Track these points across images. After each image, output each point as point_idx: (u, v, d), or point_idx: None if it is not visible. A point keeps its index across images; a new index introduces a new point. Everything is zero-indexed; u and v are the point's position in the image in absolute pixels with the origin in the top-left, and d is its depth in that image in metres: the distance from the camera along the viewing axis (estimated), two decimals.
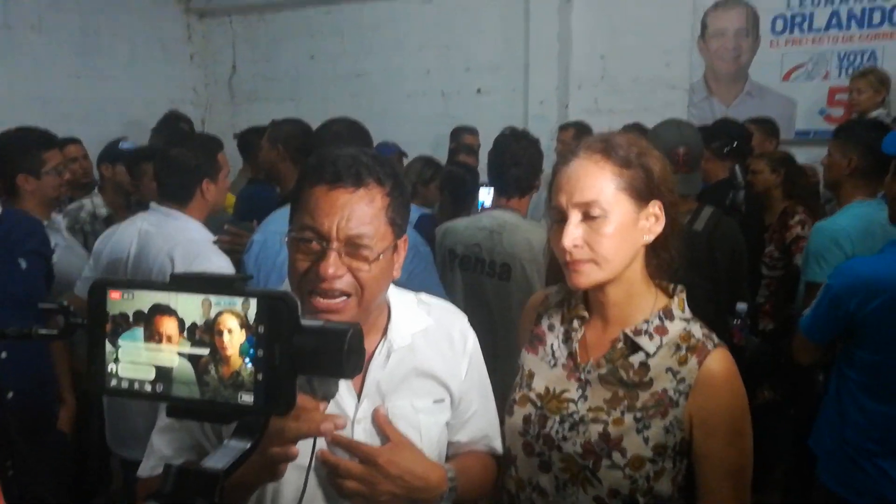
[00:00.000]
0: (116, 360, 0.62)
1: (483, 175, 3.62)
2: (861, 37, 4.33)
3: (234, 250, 2.30)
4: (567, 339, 1.35)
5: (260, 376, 0.59)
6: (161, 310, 0.61)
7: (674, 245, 1.28)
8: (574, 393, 1.30)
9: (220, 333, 0.60)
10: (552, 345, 1.37)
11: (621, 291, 1.28)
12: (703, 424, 1.22)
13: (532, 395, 1.35)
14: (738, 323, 2.54)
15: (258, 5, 6.38)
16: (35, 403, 1.87)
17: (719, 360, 1.23)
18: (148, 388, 0.62)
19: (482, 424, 1.35)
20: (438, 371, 1.25)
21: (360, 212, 1.08)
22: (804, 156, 3.89)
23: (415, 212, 3.47)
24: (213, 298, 0.60)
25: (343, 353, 0.61)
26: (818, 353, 2.16)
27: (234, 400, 0.60)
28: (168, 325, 0.61)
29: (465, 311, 2.49)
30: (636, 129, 3.73)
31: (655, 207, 1.23)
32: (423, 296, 1.31)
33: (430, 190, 3.73)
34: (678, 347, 1.25)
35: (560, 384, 1.33)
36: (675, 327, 1.27)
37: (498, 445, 1.37)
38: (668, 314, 1.28)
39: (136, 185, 3.37)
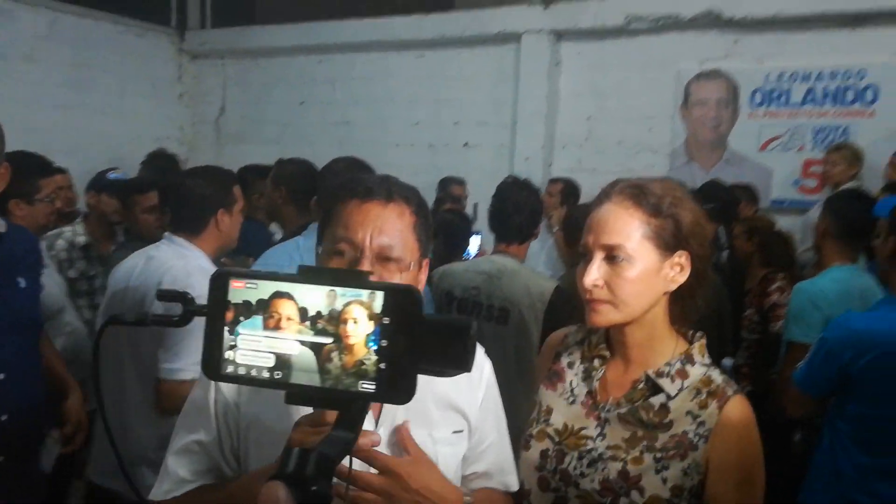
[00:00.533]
0: (234, 348, 0.63)
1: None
2: (835, 113, 4.55)
3: None
4: (587, 377, 1.37)
5: (383, 365, 0.60)
6: (282, 296, 0.62)
7: (700, 294, 1.31)
8: (593, 431, 1.32)
9: (346, 322, 0.60)
10: (571, 382, 1.39)
11: (642, 334, 1.31)
12: (718, 468, 1.24)
13: (550, 431, 1.35)
14: None
15: (252, 50, 6.49)
16: (26, 427, 1.81)
17: (738, 407, 1.26)
18: (266, 374, 0.63)
19: (499, 457, 1.34)
20: (457, 400, 1.25)
21: (391, 224, 1.12)
22: (779, 224, 4.02)
23: None
24: (338, 290, 0.61)
25: (467, 346, 0.62)
26: (811, 406, 2.22)
27: (355, 388, 0.61)
28: (290, 313, 0.62)
29: None
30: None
31: (682, 258, 1.26)
32: None
33: None
34: (698, 392, 1.27)
35: (579, 421, 1.34)
36: (695, 371, 1.30)
37: (513, 482, 1.36)
38: (689, 359, 1.31)
39: (126, 215, 3.36)
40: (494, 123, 5.53)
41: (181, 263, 2.09)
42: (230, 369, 0.63)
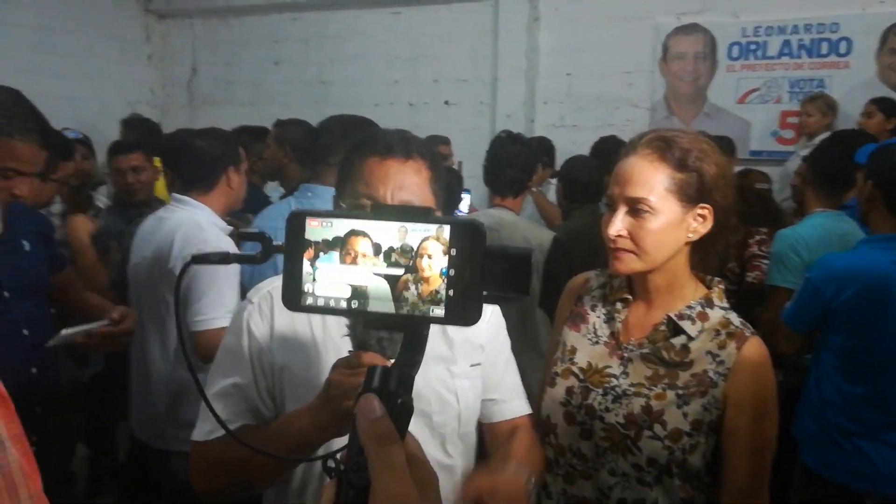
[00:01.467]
0: (313, 281, 0.66)
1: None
2: (810, 65, 4.64)
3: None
4: (609, 319, 1.43)
5: (451, 292, 0.64)
6: (357, 233, 0.65)
7: (720, 243, 1.36)
8: (616, 369, 1.38)
9: (422, 257, 0.64)
10: (594, 324, 1.44)
11: (663, 280, 1.36)
12: (736, 404, 1.31)
13: (574, 369, 1.42)
14: None
15: (220, 9, 6.32)
16: (51, 380, 1.82)
17: (756, 347, 1.33)
18: (343, 304, 0.66)
19: (514, 381, 1.43)
20: (472, 334, 1.31)
21: (410, 180, 1.17)
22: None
23: None
24: (409, 225, 0.64)
25: (526, 272, 0.66)
26: (800, 342, 2.34)
27: (427, 314, 0.65)
28: (364, 248, 0.65)
29: None
30: (610, 141, 3.88)
31: (705, 210, 1.31)
32: None
33: None
34: (717, 333, 1.34)
35: (602, 360, 1.40)
36: (715, 314, 1.36)
37: (526, 405, 1.44)
38: (709, 302, 1.37)
39: (113, 178, 3.33)
40: (474, 80, 5.51)
41: (193, 220, 2.14)
42: (310, 301, 0.66)
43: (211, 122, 6.39)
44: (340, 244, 0.65)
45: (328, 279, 0.66)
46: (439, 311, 0.64)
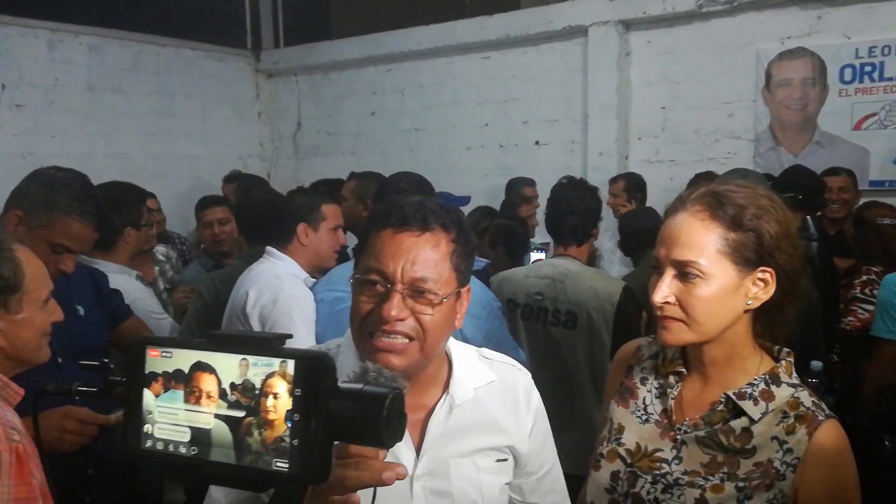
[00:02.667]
0: (153, 421, 0.60)
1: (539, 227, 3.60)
2: None
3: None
4: (661, 394, 1.28)
5: (295, 442, 0.56)
6: (202, 368, 0.59)
7: (789, 310, 1.20)
8: (668, 453, 1.23)
9: (266, 396, 0.57)
10: (644, 399, 1.30)
11: (721, 352, 1.21)
12: (808, 499, 1.13)
13: (621, 451, 1.28)
14: (814, 382, 2.41)
15: (323, 65, 6.62)
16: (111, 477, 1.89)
17: (831, 433, 1.14)
18: (183, 450, 0.59)
19: (557, 487, 1.31)
20: (503, 428, 1.20)
21: (424, 255, 1.08)
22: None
23: (477, 263, 3.48)
24: (250, 358, 0.58)
25: (381, 420, 0.58)
26: None
27: (269, 467, 0.57)
28: (209, 385, 0.59)
29: (530, 360, 2.45)
30: (706, 177, 3.66)
31: (767, 274, 1.16)
32: (485, 351, 1.28)
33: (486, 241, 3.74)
34: (785, 415, 1.16)
35: (653, 442, 1.25)
36: (782, 393, 1.19)
37: None
38: (774, 379, 1.20)
39: (200, 230, 3.56)
40: (565, 120, 5.40)
41: (271, 269, 2.27)
42: (149, 444, 0.60)
43: (315, 172, 6.73)
44: (184, 378, 0.59)
45: (169, 419, 0.59)
46: (283, 465, 0.56)
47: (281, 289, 2.19)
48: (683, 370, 1.27)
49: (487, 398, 1.19)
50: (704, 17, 4.83)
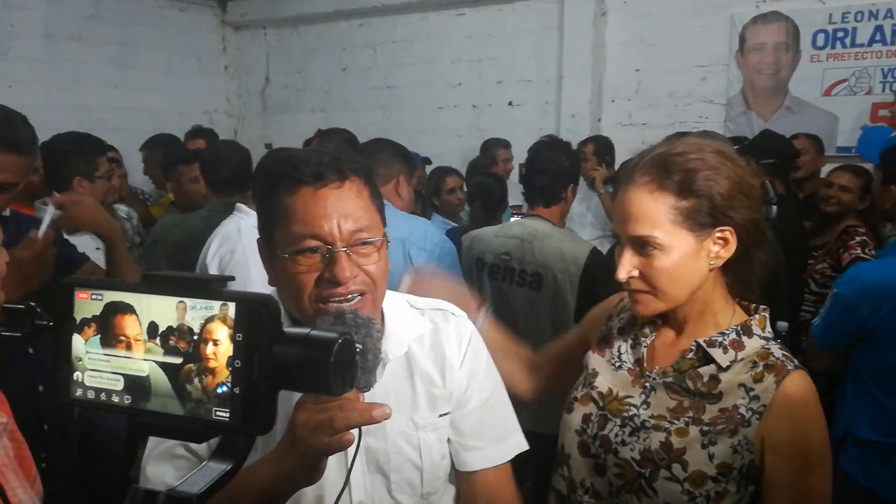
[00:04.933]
0: (83, 368, 0.56)
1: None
2: None
3: None
4: (636, 344, 1.28)
5: (237, 390, 0.52)
6: (121, 311, 0.55)
7: (755, 258, 1.19)
8: (637, 399, 1.23)
9: (206, 342, 0.54)
10: (619, 347, 1.30)
11: (693, 309, 1.22)
12: (776, 450, 1.13)
13: (594, 394, 1.28)
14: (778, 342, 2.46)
15: (292, 18, 6.44)
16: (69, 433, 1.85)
17: (799, 383, 1.14)
18: (116, 398, 0.56)
19: (485, 420, 1.22)
20: (439, 379, 1.16)
21: (354, 206, 1.03)
22: None
23: (442, 224, 3.48)
24: (188, 301, 0.54)
25: (328, 366, 0.54)
26: (832, 360, 2.15)
27: (208, 416, 0.53)
28: (130, 329, 0.55)
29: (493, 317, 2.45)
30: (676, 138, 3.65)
31: (725, 232, 1.14)
32: (414, 299, 1.22)
33: (450, 198, 3.74)
34: (754, 364, 1.16)
35: (624, 388, 1.26)
36: (753, 344, 1.18)
37: (511, 448, 1.23)
38: (746, 330, 1.20)
39: (173, 186, 3.49)
40: (539, 80, 5.34)
41: (236, 223, 2.31)
42: (79, 392, 0.56)
43: (283, 129, 6.59)
44: (107, 323, 0.55)
45: (100, 366, 0.55)
46: (223, 414, 0.53)
47: (239, 240, 2.22)
48: (658, 321, 1.27)
49: (420, 350, 1.15)
50: None
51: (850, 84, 4.38)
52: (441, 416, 1.16)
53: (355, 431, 0.84)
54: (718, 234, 1.14)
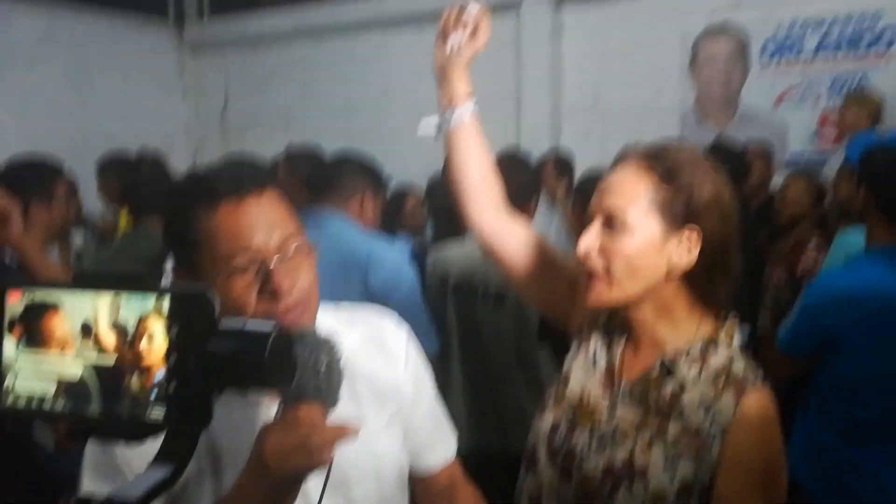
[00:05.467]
0: (15, 373, 0.54)
1: None
2: (851, 60, 4.34)
3: None
4: (609, 348, 1.27)
5: (172, 387, 0.52)
6: (47, 309, 0.54)
7: (720, 280, 1.18)
8: (604, 411, 1.23)
9: (141, 337, 0.53)
10: (594, 349, 1.29)
11: (650, 313, 1.19)
12: (728, 467, 1.13)
13: (566, 399, 1.27)
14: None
15: (251, 38, 6.41)
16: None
17: (758, 400, 1.13)
18: (48, 404, 0.54)
19: (441, 421, 1.26)
20: (383, 385, 1.15)
21: (277, 216, 1.01)
22: None
23: (406, 241, 3.47)
24: (123, 295, 0.53)
25: (264, 359, 0.54)
26: (796, 368, 2.13)
27: (144, 416, 0.52)
28: (59, 329, 0.54)
29: (459, 339, 2.44)
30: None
31: (693, 234, 1.14)
32: (341, 305, 1.21)
33: (412, 216, 3.77)
34: (715, 380, 1.16)
35: (594, 397, 1.25)
36: (717, 359, 1.17)
37: (452, 447, 1.28)
38: (711, 344, 1.19)
39: None
40: (498, 96, 5.38)
41: None
42: (10, 399, 0.54)
43: (244, 150, 6.50)
44: (36, 323, 0.53)
45: (31, 370, 0.53)
46: (159, 413, 0.52)
47: None
48: (627, 324, 1.26)
49: (358, 353, 1.12)
50: None
51: (799, 93, 4.51)
52: (391, 416, 1.15)
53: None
54: (686, 234, 1.13)
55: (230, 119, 6.69)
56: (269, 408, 0.99)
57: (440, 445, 1.25)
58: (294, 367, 0.63)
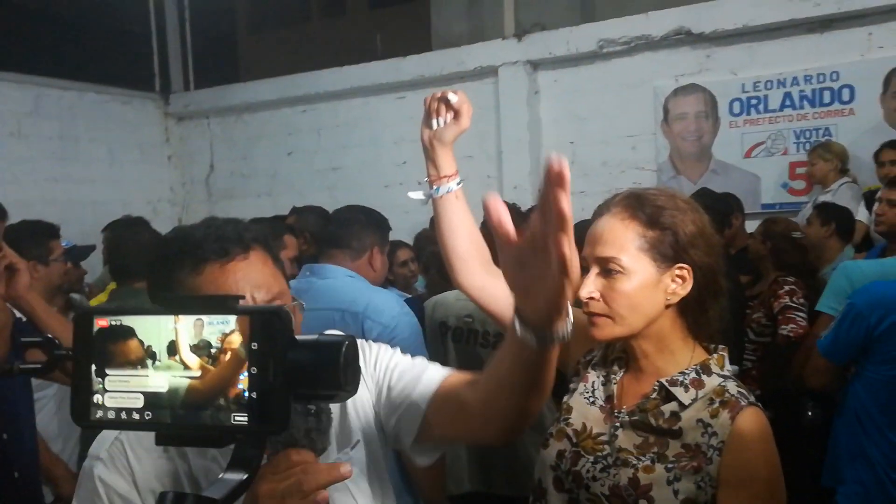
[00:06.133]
0: (104, 391, 0.60)
1: None
2: (814, 115, 4.59)
3: None
4: (607, 381, 1.35)
5: (254, 395, 0.57)
6: (130, 335, 0.59)
7: (711, 307, 1.27)
8: (607, 436, 1.29)
9: (225, 352, 0.58)
10: (593, 383, 1.36)
11: (650, 346, 1.29)
12: (728, 483, 1.19)
13: (569, 431, 1.33)
14: None
15: (236, 107, 6.58)
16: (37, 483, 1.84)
17: (752, 417, 1.21)
18: (136, 416, 0.59)
19: (420, 362, 1.18)
20: (346, 414, 1.12)
21: (262, 275, 1.01)
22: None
23: (398, 296, 3.52)
24: (205, 318, 0.59)
25: (339, 366, 0.60)
26: (831, 376, 2.22)
27: (228, 421, 0.58)
28: (156, 348, 0.59)
29: None
30: None
31: (684, 270, 1.23)
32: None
33: (403, 271, 3.82)
34: (711, 401, 1.23)
35: (597, 425, 1.32)
36: (711, 382, 1.25)
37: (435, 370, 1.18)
38: (705, 369, 1.27)
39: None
40: (479, 156, 5.57)
41: None
42: (99, 414, 0.60)
43: (229, 215, 6.54)
44: (129, 345, 0.59)
45: (119, 387, 0.59)
46: (241, 418, 0.57)
47: None
48: (624, 356, 1.34)
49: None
50: (605, 56, 5.15)
51: (768, 146, 4.74)
52: (352, 447, 1.12)
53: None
54: (677, 271, 1.23)
55: (216, 184, 6.78)
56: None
57: (431, 367, 1.17)
58: (360, 372, 0.68)
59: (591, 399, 1.35)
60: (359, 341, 1.13)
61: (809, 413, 2.63)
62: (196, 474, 1.02)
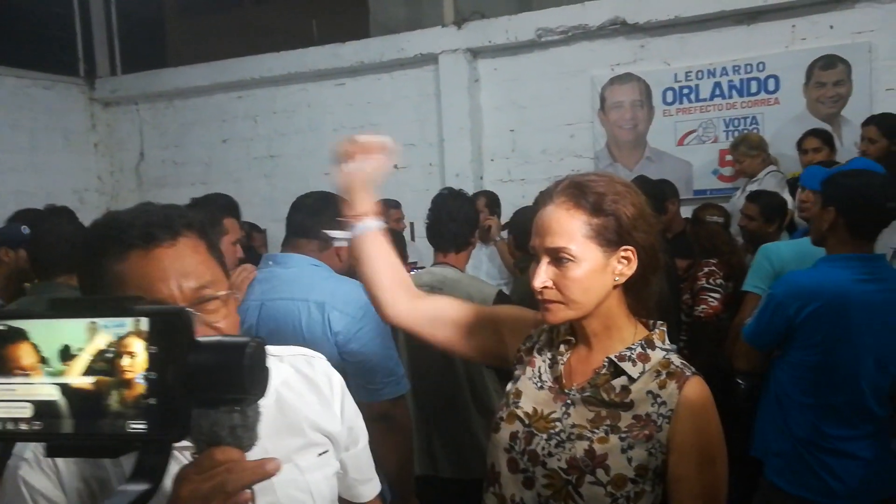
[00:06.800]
0: None
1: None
2: (742, 104, 4.79)
3: None
4: (553, 363, 1.39)
5: (153, 401, 0.55)
6: (18, 337, 0.56)
7: (653, 282, 1.34)
8: (559, 413, 1.34)
9: (120, 356, 0.55)
10: (539, 368, 1.40)
11: (599, 324, 1.34)
12: (679, 449, 1.26)
13: (520, 413, 1.37)
14: None
15: (167, 92, 6.36)
16: None
17: (696, 387, 1.29)
18: (24, 426, 0.56)
19: (369, 459, 1.30)
20: (313, 420, 1.15)
21: (191, 263, 0.97)
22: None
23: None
24: (99, 321, 0.56)
25: (244, 369, 0.57)
26: (758, 361, 2.34)
27: (125, 430, 0.55)
28: (44, 354, 0.56)
29: (409, 369, 2.50)
30: None
31: (628, 252, 1.29)
32: (271, 348, 1.19)
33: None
34: (658, 373, 1.30)
35: (547, 406, 1.36)
36: (656, 355, 1.32)
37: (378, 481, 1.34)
38: (649, 344, 1.34)
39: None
40: (421, 144, 5.58)
41: None
42: None
43: (162, 203, 6.39)
44: (10, 351, 0.56)
45: (5, 396, 0.55)
46: (139, 426, 0.54)
47: None
48: (572, 339, 1.39)
49: (289, 395, 1.12)
50: (544, 45, 5.23)
51: (699, 134, 4.92)
52: (320, 455, 1.15)
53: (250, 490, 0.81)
54: (622, 254, 1.30)
55: (146, 172, 6.56)
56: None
57: (374, 479, 1.30)
58: (268, 376, 0.64)
59: (539, 384, 1.39)
60: (323, 374, 1.19)
61: (741, 383, 2.78)
62: (126, 472, 0.95)
